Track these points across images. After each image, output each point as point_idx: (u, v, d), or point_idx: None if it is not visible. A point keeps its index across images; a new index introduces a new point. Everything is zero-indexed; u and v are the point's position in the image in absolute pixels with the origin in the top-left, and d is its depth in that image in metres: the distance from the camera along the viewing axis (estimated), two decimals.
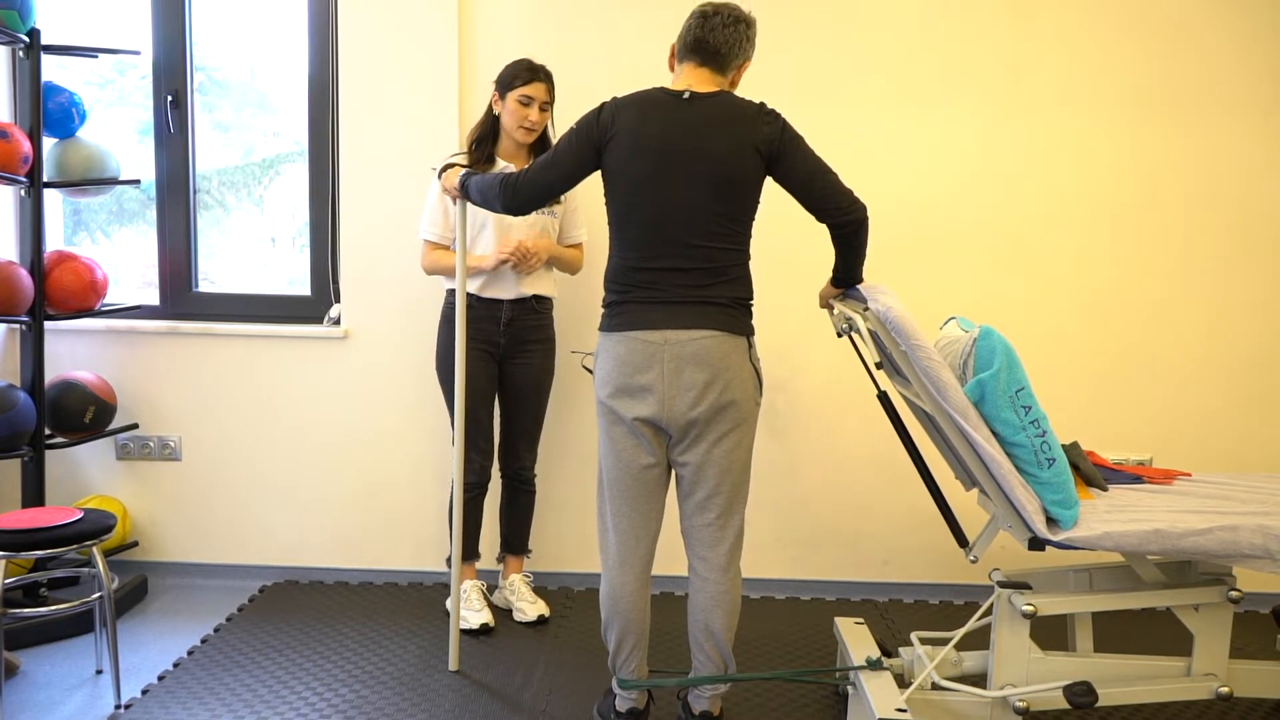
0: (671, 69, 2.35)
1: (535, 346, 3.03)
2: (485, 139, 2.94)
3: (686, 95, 2.23)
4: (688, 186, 2.21)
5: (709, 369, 2.20)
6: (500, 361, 3.01)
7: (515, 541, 3.18)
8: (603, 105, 2.28)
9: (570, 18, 3.25)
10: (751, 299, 2.31)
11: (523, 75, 2.86)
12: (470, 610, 3.02)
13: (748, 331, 2.28)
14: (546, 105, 2.90)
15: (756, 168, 2.24)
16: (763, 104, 2.27)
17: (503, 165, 2.93)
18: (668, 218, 2.22)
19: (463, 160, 2.92)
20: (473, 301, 2.93)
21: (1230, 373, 3.31)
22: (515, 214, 2.42)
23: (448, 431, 3.35)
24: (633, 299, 2.25)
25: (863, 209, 2.25)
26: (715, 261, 2.25)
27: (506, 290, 2.95)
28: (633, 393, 2.23)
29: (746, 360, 2.26)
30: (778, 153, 2.25)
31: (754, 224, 2.32)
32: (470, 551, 3.10)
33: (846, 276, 2.38)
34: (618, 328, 2.25)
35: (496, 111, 2.91)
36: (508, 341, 2.98)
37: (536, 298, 3.00)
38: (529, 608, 3.10)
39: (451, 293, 2.97)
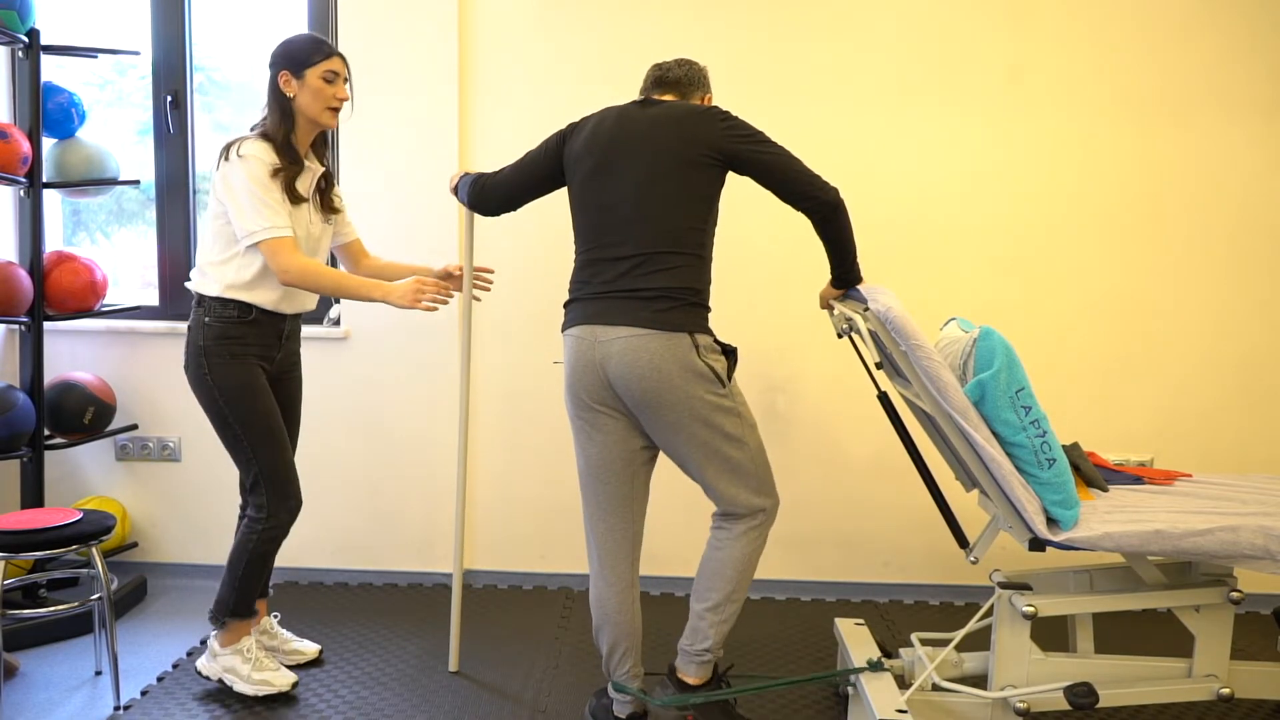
0: None
1: (297, 360, 2.71)
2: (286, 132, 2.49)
3: (643, 99, 2.34)
4: (630, 174, 2.22)
5: (631, 369, 2.18)
6: (271, 382, 2.64)
7: (268, 581, 2.77)
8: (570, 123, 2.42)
9: (570, 18, 3.25)
10: (697, 291, 2.22)
11: (323, 49, 2.49)
12: (269, 672, 2.60)
13: (688, 326, 2.19)
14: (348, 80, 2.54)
15: (708, 161, 2.22)
16: (715, 106, 2.30)
17: (306, 165, 2.55)
18: (610, 207, 2.24)
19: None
20: (257, 315, 2.50)
21: (1231, 373, 3.31)
22: (482, 214, 2.56)
23: (447, 432, 3.35)
24: (575, 295, 2.32)
25: (834, 192, 2.22)
26: (655, 249, 2.20)
27: (297, 303, 2.59)
28: (575, 390, 2.30)
29: (679, 359, 2.18)
30: (736, 148, 2.22)
31: (710, 225, 2.27)
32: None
33: (843, 273, 2.36)
34: (564, 326, 2.34)
35: (290, 94, 2.48)
36: (281, 357, 2.62)
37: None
38: (307, 645, 2.82)
39: (229, 304, 2.46)
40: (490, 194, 2.50)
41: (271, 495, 2.53)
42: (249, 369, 2.50)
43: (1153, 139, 3.24)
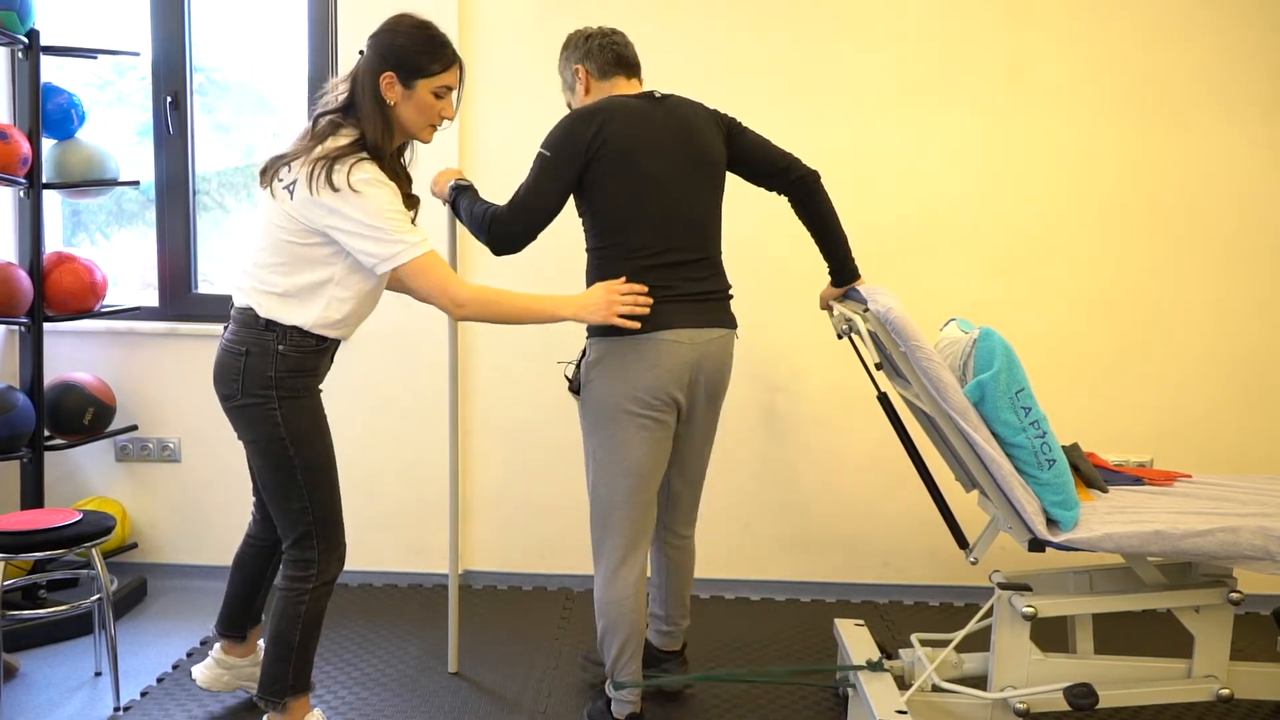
0: (586, 90, 2.39)
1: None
2: (384, 137, 2.13)
3: (657, 95, 2.33)
4: (686, 176, 2.29)
5: (722, 367, 2.38)
6: None
7: (263, 608, 2.58)
8: (573, 119, 2.25)
9: (570, 18, 3.24)
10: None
11: (442, 57, 2.15)
12: None
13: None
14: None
15: (724, 163, 2.40)
16: (714, 109, 2.45)
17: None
18: (673, 213, 2.27)
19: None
20: (329, 344, 2.24)
21: (1231, 374, 3.31)
22: (502, 253, 2.28)
23: (446, 432, 3.35)
24: (661, 299, 2.24)
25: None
26: (712, 252, 2.38)
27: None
28: (657, 390, 2.26)
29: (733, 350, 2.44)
30: (732, 128, 2.42)
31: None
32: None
33: (842, 262, 2.48)
34: (649, 329, 2.23)
35: (391, 101, 2.13)
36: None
37: None
38: None
39: (309, 334, 2.15)
40: (516, 229, 2.23)
41: (322, 547, 2.22)
42: (318, 404, 2.24)
43: (1153, 139, 3.24)
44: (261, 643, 2.59)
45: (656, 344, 2.24)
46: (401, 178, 2.22)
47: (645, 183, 2.23)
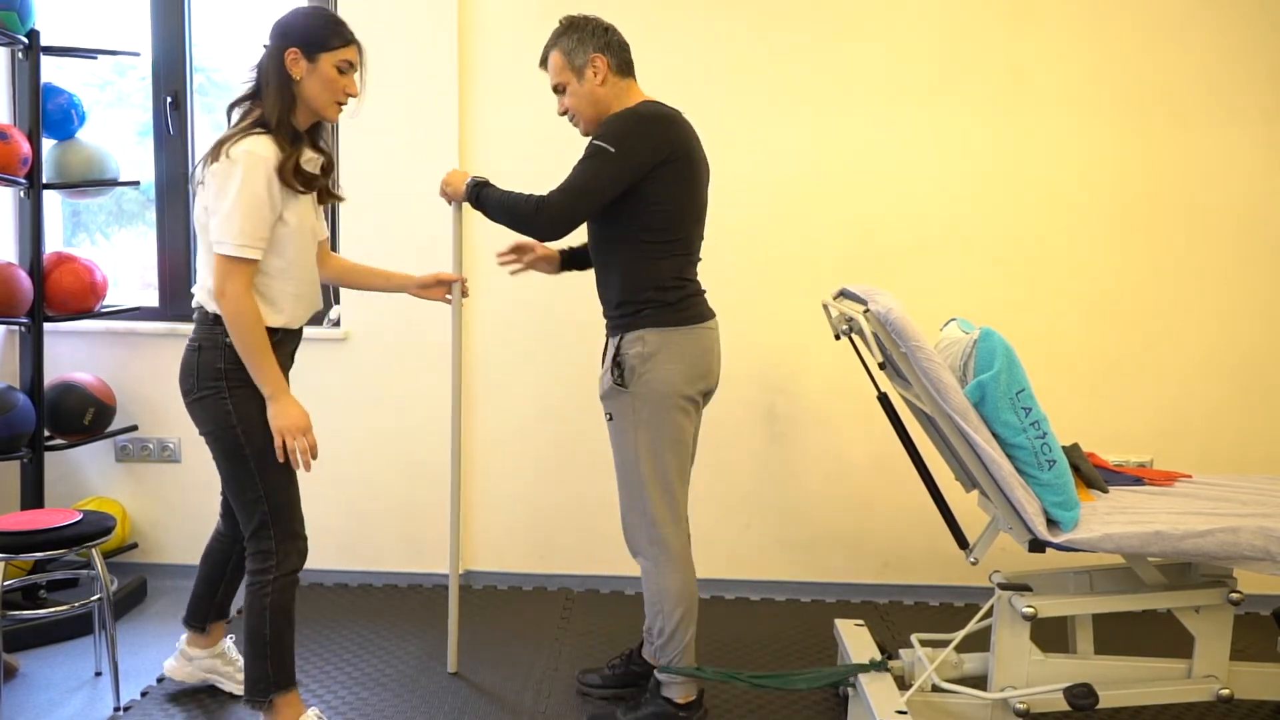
0: (602, 81, 2.38)
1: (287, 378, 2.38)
2: (286, 114, 2.19)
3: (675, 109, 2.41)
4: (707, 190, 2.46)
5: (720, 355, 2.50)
6: None
7: (229, 603, 2.63)
8: (646, 122, 2.28)
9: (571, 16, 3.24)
10: None
11: (342, 33, 2.23)
12: None
13: None
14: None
15: None
16: None
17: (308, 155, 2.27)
18: (701, 220, 2.44)
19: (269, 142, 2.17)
20: (281, 335, 2.27)
21: (1231, 374, 3.31)
22: (550, 238, 2.34)
23: (447, 432, 3.35)
24: (693, 292, 2.40)
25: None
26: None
27: (309, 310, 2.36)
28: (704, 378, 2.39)
29: None
30: None
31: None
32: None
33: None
34: (689, 320, 2.37)
35: (297, 76, 2.19)
36: (286, 374, 2.35)
37: None
38: None
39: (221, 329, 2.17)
40: (574, 211, 2.27)
41: (279, 536, 2.24)
42: None
43: (1153, 140, 3.24)
44: (228, 641, 2.66)
45: (704, 332, 2.39)
46: (323, 152, 2.32)
47: (698, 189, 2.38)
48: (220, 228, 2.11)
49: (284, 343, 2.29)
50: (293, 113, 2.20)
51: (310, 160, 2.26)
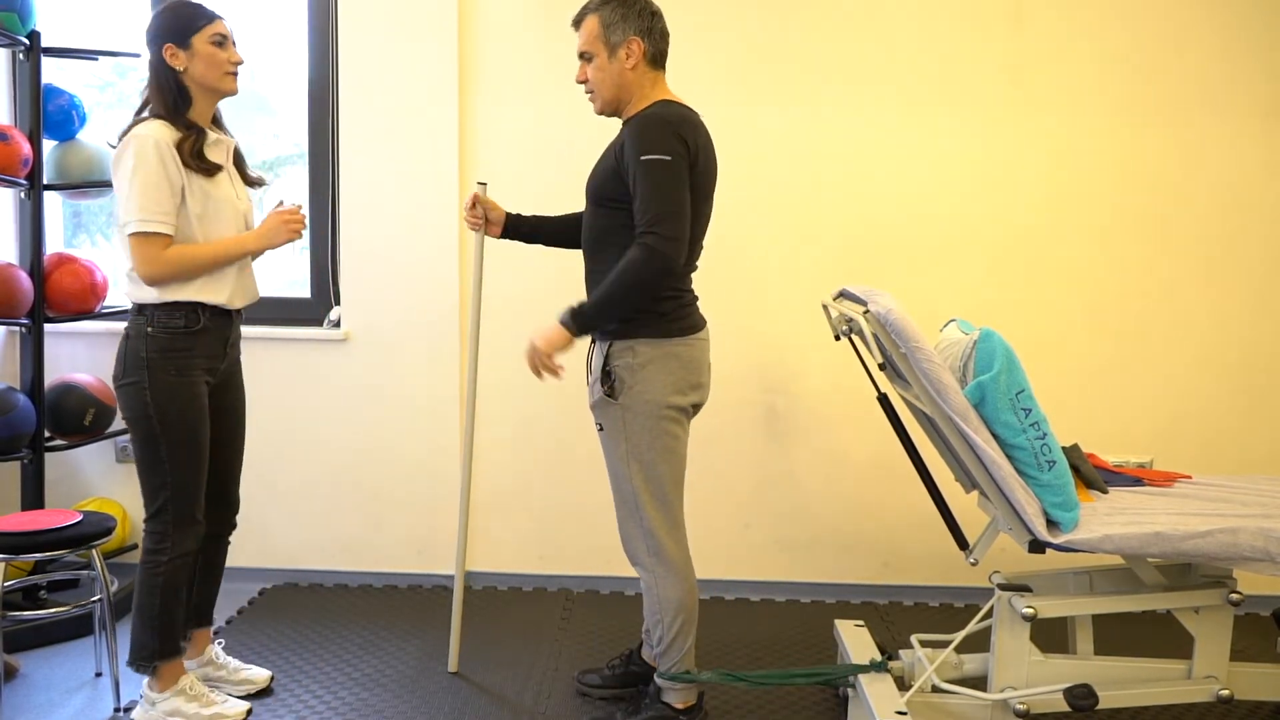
0: (633, 66, 2.26)
1: (238, 366, 2.55)
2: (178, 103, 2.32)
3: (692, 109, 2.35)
4: (712, 195, 2.39)
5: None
6: (213, 390, 2.44)
7: (209, 608, 2.65)
8: (675, 125, 2.20)
9: (570, 18, 3.24)
10: None
11: (203, 13, 2.33)
12: (218, 705, 2.45)
13: None
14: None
15: None
16: None
17: (215, 137, 2.39)
18: (704, 227, 2.38)
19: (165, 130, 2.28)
20: (206, 321, 2.35)
21: (1231, 375, 3.31)
22: (677, 271, 2.22)
23: (447, 433, 3.36)
24: (688, 301, 2.36)
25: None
26: None
27: (246, 294, 2.46)
28: (696, 389, 2.36)
29: None
30: None
31: None
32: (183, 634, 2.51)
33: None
34: (682, 331, 2.32)
35: (180, 67, 2.30)
36: (225, 365, 2.46)
37: None
38: (256, 673, 2.65)
39: (176, 312, 2.30)
40: (681, 233, 2.19)
41: (175, 521, 2.33)
42: (193, 386, 2.33)
43: (1152, 140, 3.24)
44: (215, 646, 2.65)
45: (696, 343, 2.35)
46: (225, 131, 2.46)
47: (707, 196, 2.33)
48: (123, 209, 2.23)
49: (218, 328, 2.38)
50: (189, 102, 2.33)
51: (216, 144, 2.37)
